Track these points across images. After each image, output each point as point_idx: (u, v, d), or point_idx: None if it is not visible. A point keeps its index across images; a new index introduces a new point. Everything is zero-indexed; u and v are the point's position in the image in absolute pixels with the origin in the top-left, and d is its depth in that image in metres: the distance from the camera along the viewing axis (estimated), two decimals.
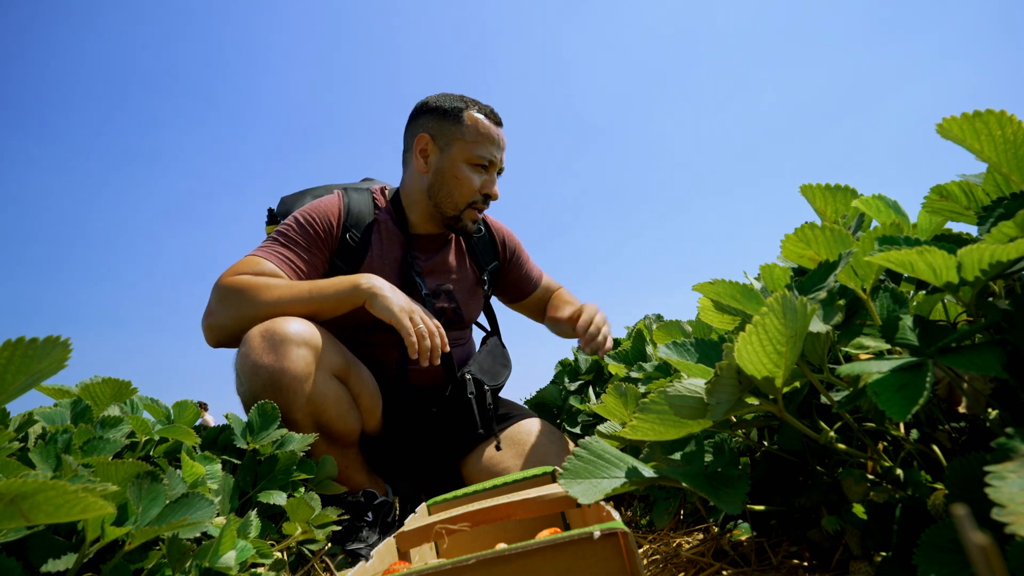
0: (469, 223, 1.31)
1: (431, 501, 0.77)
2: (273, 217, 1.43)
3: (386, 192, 1.38)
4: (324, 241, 1.22)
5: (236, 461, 0.86)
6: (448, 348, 1.11)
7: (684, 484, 0.53)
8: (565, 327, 1.43)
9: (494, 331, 1.54)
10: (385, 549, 0.61)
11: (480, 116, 1.28)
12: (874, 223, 0.65)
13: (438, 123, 1.28)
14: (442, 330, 1.11)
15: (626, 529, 0.38)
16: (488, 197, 1.31)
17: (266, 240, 1.23)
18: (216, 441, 0.90)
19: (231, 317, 1.09)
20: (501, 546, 0.41)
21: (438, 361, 1.08)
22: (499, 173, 1.33)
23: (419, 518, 0.71)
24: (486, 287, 1.42)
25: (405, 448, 1.24)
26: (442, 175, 1.28)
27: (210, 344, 1.14)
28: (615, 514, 0.50)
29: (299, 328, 1.03)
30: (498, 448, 1.22)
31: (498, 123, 1.31)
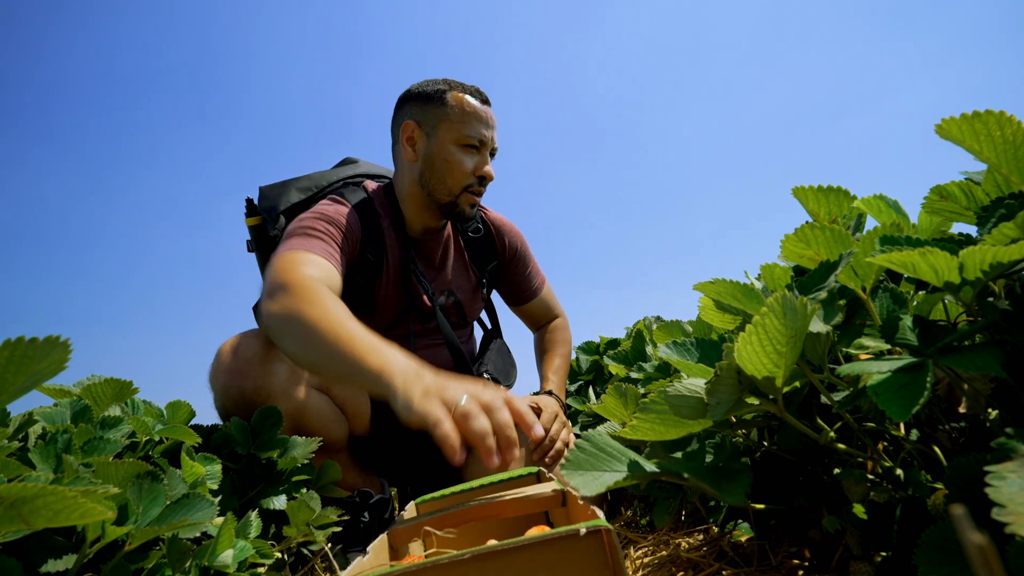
0: (467, 208, 1.24)
1: (419, 499, 0.77)
2: (253, 208, 1.30)
3: (382, 191, 1.33)
4: (349, 255, 1.17)
5: (232, 466, 0.85)
6: (518, 448, 0.84)
7: (686, 476, 0.53)
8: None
9: (496, 330, 1.51)
10: (379, 545, 0.61)
11: (464, 95, 1.22)
12: (872, 223, 0.64)
13: (422, 108, 1.22)
14: (507, 415, 0.63)
15: (609, 526, 0.40)
16: (484, 179, 1.23)
17: (313, 237, 1.09)
18: (209, 441, 0.89)
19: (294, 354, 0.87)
20: (492, 542, 0.42)
21: (512, 458, 0.62)
22: (493, 154, 1.26)
23: (408, 516, 0.72)
24: (485, 288, 1.41)
25: (406, 447, 1.24)
26: (431, 160, 1.21)
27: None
28: (599, 513, 0.51)
29: (271, 344, 0.99)
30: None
31: (484, 101, 1.24)
